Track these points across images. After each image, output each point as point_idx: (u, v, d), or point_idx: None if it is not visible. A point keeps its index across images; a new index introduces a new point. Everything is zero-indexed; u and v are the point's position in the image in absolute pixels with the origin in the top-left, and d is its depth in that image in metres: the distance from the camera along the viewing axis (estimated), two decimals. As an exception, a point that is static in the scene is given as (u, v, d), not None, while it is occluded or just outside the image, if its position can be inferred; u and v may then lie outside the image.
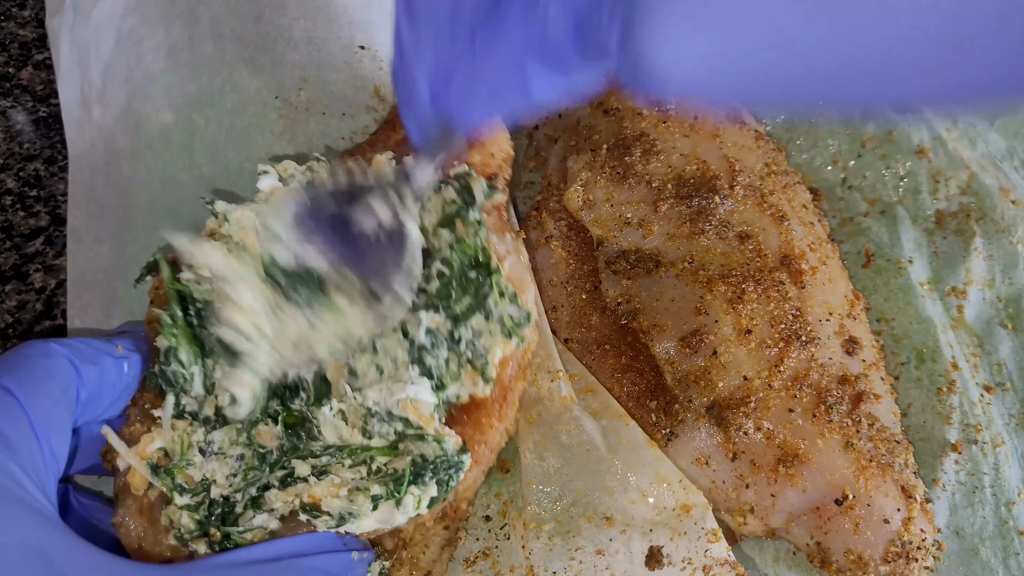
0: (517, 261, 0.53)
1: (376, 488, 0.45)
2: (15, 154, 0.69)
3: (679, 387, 0.55)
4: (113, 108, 0.68)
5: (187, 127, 0.68)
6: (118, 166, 0.67)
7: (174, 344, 0.48)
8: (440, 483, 0.46)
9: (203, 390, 0.48)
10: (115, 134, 0.67)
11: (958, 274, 0.65)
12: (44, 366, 0.44)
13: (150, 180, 0.67)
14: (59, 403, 0.43)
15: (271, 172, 0.53)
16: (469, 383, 0.48)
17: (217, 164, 0.68)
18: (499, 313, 0.48)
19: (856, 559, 0.52)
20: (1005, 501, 0.56)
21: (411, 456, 0.46)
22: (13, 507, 0.37)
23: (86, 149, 0.67)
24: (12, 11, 0.74)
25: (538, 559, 0.51)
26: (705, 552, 0.51)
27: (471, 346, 0.48)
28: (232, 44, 0.70)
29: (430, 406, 0.46)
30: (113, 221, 0.65)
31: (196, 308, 0.49)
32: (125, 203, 0.66)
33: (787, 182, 0.63)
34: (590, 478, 0.52)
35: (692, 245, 0.59)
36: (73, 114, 0.68)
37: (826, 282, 0.58)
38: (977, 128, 0.72)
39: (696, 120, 0.64)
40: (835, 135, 0.71)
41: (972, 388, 0.60)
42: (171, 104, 0.68)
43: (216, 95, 0.69)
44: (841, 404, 0.54)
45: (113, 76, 0.68)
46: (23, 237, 0.66)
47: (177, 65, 0.69)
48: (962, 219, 0.66)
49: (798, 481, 0.52)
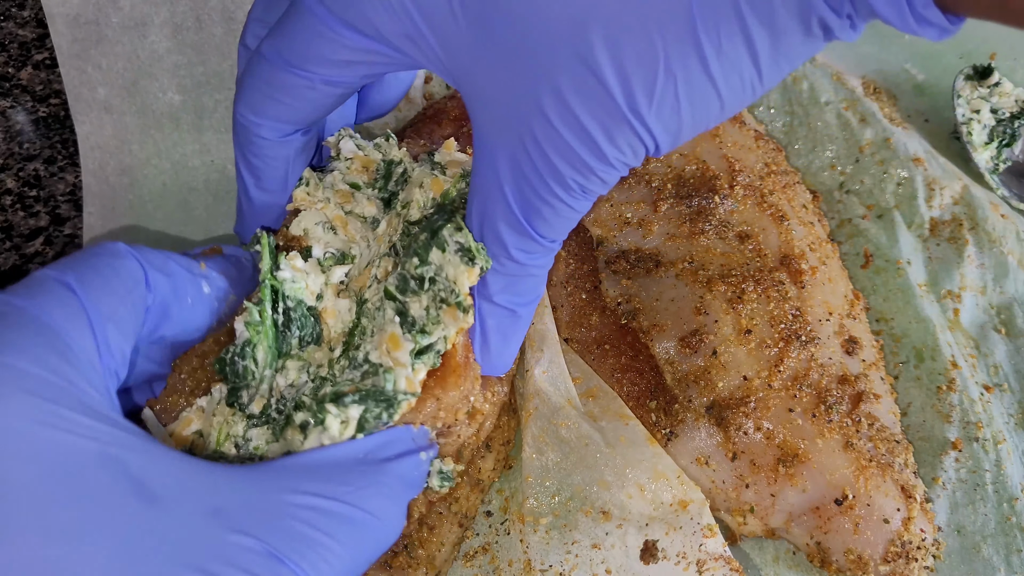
0: None
1: (301, 415, 0.44)
2: (15, 154, 0.68)
3: (679, 387, 0.55)
4: (119, 87, 0.68)
5: (196, 108, 0.68)
6: (128, 150, 0.66)
7: (255, 341, 0.46)
8: (366, 413, 0.44)
9: (267, 393, 0.46)
10: (123, 113, 0.67)
11: (953, 279, 0.65)
12: (110, 264, 0.42)
13: (160, 164, 0.67)
14: (124, 302, 0.41)
15: (354, 136, 0.53)
16: (450, 320, 0.46)
17: (227, 146, 0.68)
18: (455, 242, 0.46)
19: (856, 559, 0.52)
20: (1008, 498, 0.56)
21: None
22: (76, 411, 0.34)
23: (94, 129, 0.66)
24: (11, 11, 0.74)
25: (535, 553, 0.51)
26: (700, 547, 0.51)
27: (437, 283, 0.46)
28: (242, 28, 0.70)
29: (406, 345, 0.45)
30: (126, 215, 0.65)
31: (285, 307, 0.47)
32: (139, 194, 0.66)
33: (787, 182, 0.64)
34: (588, 472, 0.52)
35: (692, 245, 0.59)
36: (78, 95, 0.67)
37: (826, 282, 0.59)
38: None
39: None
40: (834, 140, 0.71)
41: (972, 386, 0.60)
42: (179, 85, 0.68)
43: (226, 77, 0.69)
44: (841, 404, 0.54)
45: (117, 55, 0.68)
46: (23, 237, 0.66)
47: (183, 46, 0.69)
48: (955, 227, 0.67)
49: (798, 481, 0.52)
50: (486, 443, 0.55)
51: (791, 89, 0.74)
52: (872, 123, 0.71)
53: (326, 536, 0.38)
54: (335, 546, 0.38)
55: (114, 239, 0.64)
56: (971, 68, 0.74)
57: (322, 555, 0.37)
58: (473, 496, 0.54)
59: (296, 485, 0.39)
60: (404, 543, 0.50)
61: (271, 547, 0.36)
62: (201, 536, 0.35)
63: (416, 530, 0.51)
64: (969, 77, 0.74)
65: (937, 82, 0.77)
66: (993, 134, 0.73)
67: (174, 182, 0.67)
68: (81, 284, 0.39)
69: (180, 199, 0.66)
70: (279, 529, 0.37)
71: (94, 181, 0.65)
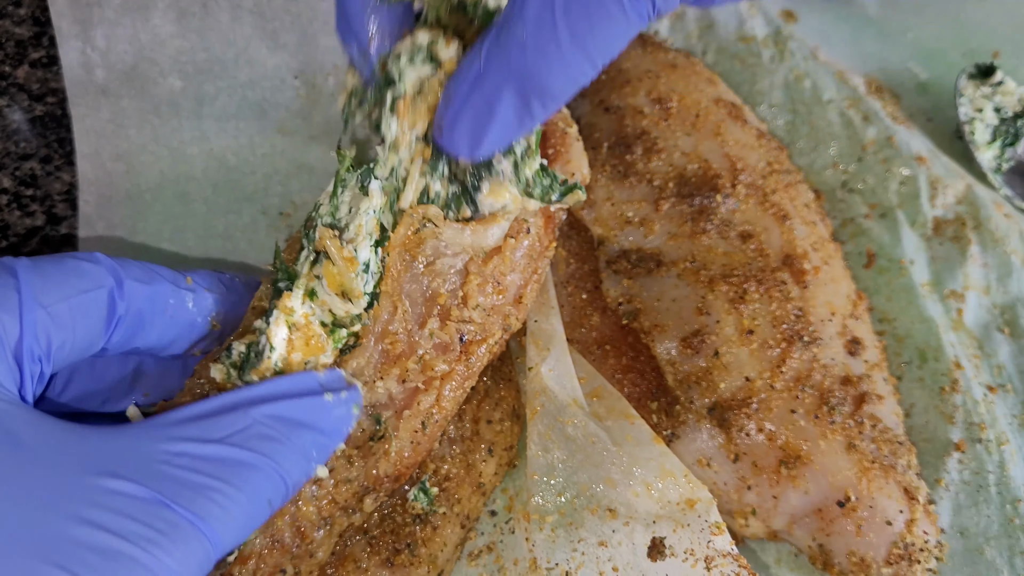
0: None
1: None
2: (11, 153, 0.68)
3: (680, 388, 0.55)
4: (118, 70, 0.67)
5: (196, 95, 0.68)
6: (125, 135, 0.66)
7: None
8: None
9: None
10: (120, 97, 0.67)
11: (957, 278, 0.65)
12: (77, 265, 0.44)
13: (157, 151, 0.66)
14: (71, 297, 0.42)
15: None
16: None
17: (227, 135, 0.67)
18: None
19: (858, 561, 0.51)
20: (1011, 499, 0.56)
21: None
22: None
23: (90, 112, 0.66)
24: (8, 9, 0.74)
25: (541, 551, 0.51)
26: (708, 544, 0.50)
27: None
28: (251, 17, 0.70)
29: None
30: (123, 204, 0.64)
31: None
32: (136, 183, 0.65)
33: (789, 181, 0.63)
34: (594, 471, 0.52)
35: (694, 244, 0.59)
36: (75, 77, 0.67)
37: (829, 282, 0.58)
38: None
39: (698, 118, 0.64)
40: (836, 139, 0.71)
41: (975, 387, 0.60)
42: (180, 71, 0.68)
43: (230, 65, 0.68)
44: (844, 405, 0.54)
45: (118, 37, 0.68)
46: (19, 237, 0.66)
47: (186, 31, 0.69)
48: (958, 227, 0.67)
49: (800, 483, 0.52)
50: (489, 448, 0.55)
51: (793, 87, 0.73)
52: (875, 121, 0.71)
53: (214, 480, 0.38)
54: (227, 489, 0.38)
55: (111, 231, 0.64)
56: (974, 67, 0.74)
57: (212, 498, 0.37)
58: (475, 498, 0.54)
59: (173, 433, 0.39)
60: (407, 541, 0.50)
61: (154, 492, 0.36)
62: (74, 483, 0.35)
63: (420, 529, 0.51)
64: (972, 76, 0.74)
65: (940, 81, 0.76)
66: (996, 133, 0.72)
67: (172, 170, 0.66)
68: (29, 271, 0.41)
69: (178, 189, 0.66)
70: (160, 475, 0.37)
71: (89, 167, 0.65)
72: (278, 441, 0.41)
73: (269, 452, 0.40)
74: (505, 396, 0.58)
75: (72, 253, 0.45)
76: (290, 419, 0.42)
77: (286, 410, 0.42)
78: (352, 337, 0.47)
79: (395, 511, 0.52)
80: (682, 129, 0.63)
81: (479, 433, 0.56)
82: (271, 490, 0.40)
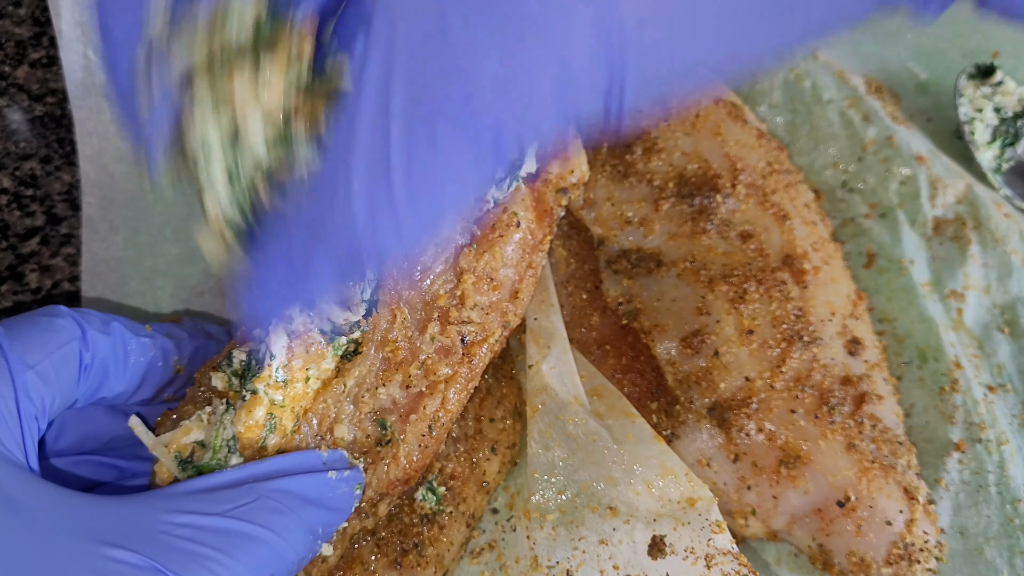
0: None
1: None
2: (11, 153, 0.68)
3: (680, 388, 0.55)
4: None
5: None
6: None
7: None
8: None
9: None
10: None
11: (957, 278, 0.65)
12: (48, 322, 0.44)
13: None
14: (53, 354, 0.43)
15: None
16: None
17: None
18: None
19: (858, 561, 0.51)
20: (1011, 499, 0.56)
21: None
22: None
23: (92, 115, 0.66)
24: (8, 9, 0.74)
25: (542, 549, 0.51)
26: (708, 542, 0.50)
27: None
28: None
29: None
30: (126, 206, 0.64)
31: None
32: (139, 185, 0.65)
33: (789, 181, 0.63)
34: (595, 469, 0.52)
35: (694, 244, 0.58)
36: (76, 79, 0.67)
37: (829, 282, 0.58)
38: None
39: (698, 118, 0.64)
40: (836, 138, 0.71)
41: (975, 387, 0.60)
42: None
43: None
44: (844, 405, 0.54)
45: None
46: (19, 237, 0.65)
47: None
48: (958, 227, 0.67)
49: (800, 483, 0.52)
50: (491, 447, 0.55)
51: (793, 87, 0.73)
52: (875, 121, 0.71)
53: (215, 551, 0.37)
54: (227, 560, 0.38)
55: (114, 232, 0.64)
56: (974, 67, 0.74)
57: (211, 569, 0.37)
58: (479, 497, 0.54)
59: (176, 505, 0.39)
60: (415, 542, 0.51)
61: (154, 562, 0.36)
62: (72, 550, 0.35)
63: (427, 528, 0.51)
64: (972, 76, 0.74)
65: (940, 81, 0.76)
66: (996, 133, 0.72)
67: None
68: (9, 335, 0.42)
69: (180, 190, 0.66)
70: (161, 544, 0.37)
71: (92, 169, 0.65)
72: (285, 515, 0.41)
73: (274, 526, 0.40)
74: (507, 394, 0.58)
75: (39, 310, 0.46)
76: (297, 494, 0.42)
77: (293, 486, 0.42)
78: (353, 344, 0.47)
79: (402, 511, 0.52)
80: (682, 129, 0.63)
81: (482, 432, 0.56)
82: (275, 565, 0.40)
